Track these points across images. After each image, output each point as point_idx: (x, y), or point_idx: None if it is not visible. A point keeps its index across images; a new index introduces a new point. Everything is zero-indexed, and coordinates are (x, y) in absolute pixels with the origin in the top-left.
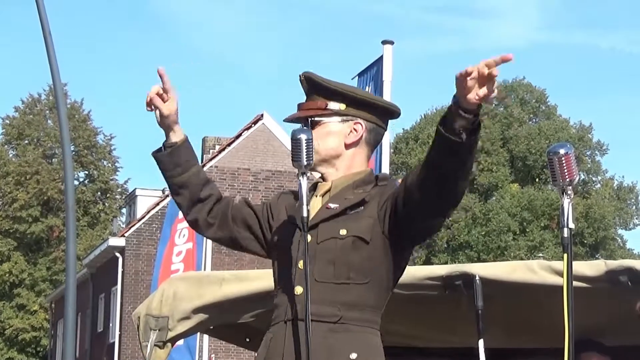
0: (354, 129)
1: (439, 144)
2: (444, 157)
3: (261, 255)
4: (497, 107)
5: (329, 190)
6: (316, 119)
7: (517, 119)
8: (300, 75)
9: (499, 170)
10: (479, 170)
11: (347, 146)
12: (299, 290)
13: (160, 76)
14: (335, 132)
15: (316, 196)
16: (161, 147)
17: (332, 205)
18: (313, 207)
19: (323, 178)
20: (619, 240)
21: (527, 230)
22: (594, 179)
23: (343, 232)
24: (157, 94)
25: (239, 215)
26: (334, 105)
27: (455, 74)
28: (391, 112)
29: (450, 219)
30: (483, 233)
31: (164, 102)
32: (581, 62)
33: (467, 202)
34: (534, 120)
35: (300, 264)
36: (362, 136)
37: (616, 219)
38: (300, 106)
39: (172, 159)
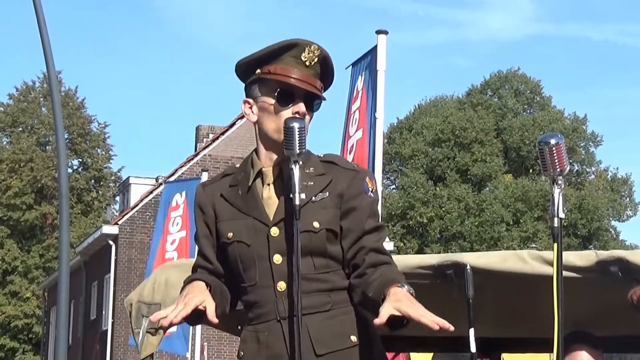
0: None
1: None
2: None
3: None
4: (491, 97)
5: (279, 176)
6: (316, 101)
7: (511, 109)
8: (312, 46)
9: (493, 160)
10: (472, 161)
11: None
12: (282, 286)
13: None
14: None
15: (268, 184)
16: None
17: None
18: (269, 197)
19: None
20: (612, 231)
21: (521, 221)
22: (587, 170)
23: (316, 224)
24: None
25: (218, 265)
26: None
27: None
28: None
29: (443, 208)
30: (476, 223)
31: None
32: (575, 54)
33: (460, 192)
34: (528, 111)
35: (276, 259)
36: None
37: (610, 210)
38: (304, 76)
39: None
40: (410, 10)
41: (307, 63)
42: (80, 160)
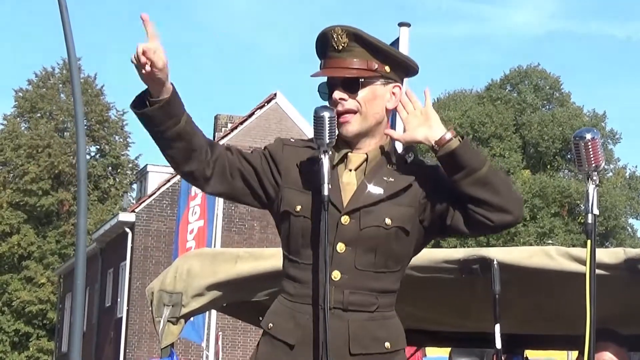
0: (393, 93)
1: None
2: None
3: (256, 207)
4: (510, 92)
5: (362, 164)
6: (364, 80)
7: (530, 105)
8: (334, 30)
9: (511, 156)
10: (491, 156)
11: (387, 112)
12: (336, 275)
13: (144, 22)
14: (380, 96)
15: (350, 170)
16: (144, 102)
17: (373, 190)
18: (348, 183)
19: (351, 146)
20: (630, 229)
21: (538, 216)
22: (605, 167)
23: (388, 221)
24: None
25: (235, 167)
26: (379, 67)
27: None
28: (413, 74)
29: None
30: None
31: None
32: (596, 51)
33: None
34: (547, 107)
35: (339, 247)
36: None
37: (627, 208)
38: (335, 62)
39: (165, 112)
40: (434, 4)
41: (340, 47)
42: (98, 147)
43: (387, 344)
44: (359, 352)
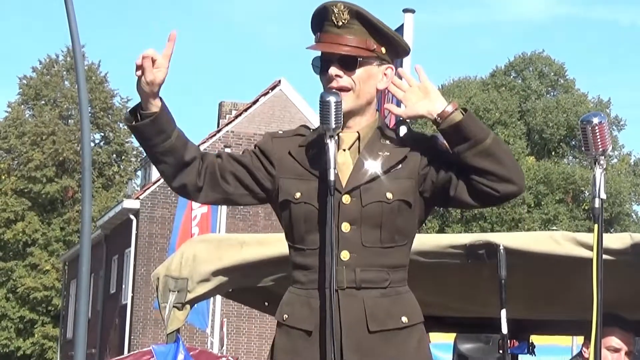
0: (385, 74)
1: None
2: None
3: (255, 204)
4: (515, 78)
5: (355, 142)
6: (362, 59)
7: (535, 91)
8: (336, 5)
9: (516, 142)
10: None
11: (378, 92)
12: (345, 255)
13: (169, 40)
14: (374, 76)
15: (344, 150)
16: (136, 116)
17: (370, 166)
18: (343, 163)
19: (342, 126)
20: (634, 216)
21: (542, 203)
22: (610, 154)
23: (389, 195)
24: (151, 59)
25: (227, 171)
26: (377, 47)
27: None
28: (403, 56)
29: None
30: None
31: (154, 69)
32: (601, 37)
33: None
34: (552, 93)
35: (344, 227)
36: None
37: (632, 194)
38: (333, 37)
39: (155, 127)
40: None
41: (339, 23)
42: (103, 134)
43: (404, 319)
44: (377, 329)
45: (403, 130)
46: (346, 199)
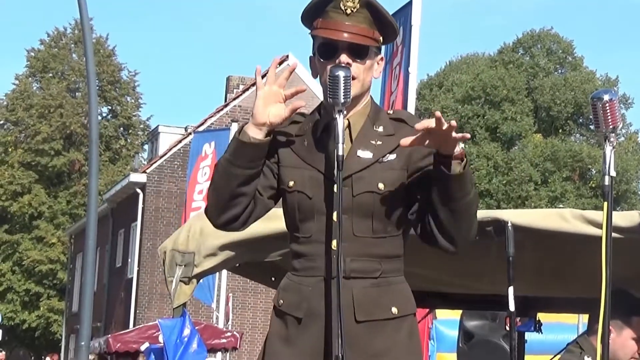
0: (378, 63)
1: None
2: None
3: None
4: (523, 55)
5: (345, 130)
6: (369, 49)
7: (542, 68)
8: None
9: (523, 119)
10: (502, 119)
11: (371, 80)
12: (336, 244)
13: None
14: (372, 64)
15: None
16: (243, 137)
17: (363, 155)
18: (334, 151)
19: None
20: None
21: (549, 180)
22: (618, 132)
23: (381, 186)
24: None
25: (264, 186)
26: (377, 37)
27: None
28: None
29: (471, 166)
30: (504, 182)
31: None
32: (610, 15)
33: (489, 150)
34: (560, 70)
35: (336, 217)
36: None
37: (639, 172)
38: (343, 25)
39: (255, 152)
40: None
41: (348, 11)
42: (110, 107)
43: (393, 310)
44: (364, 319)
45: (399, 114)
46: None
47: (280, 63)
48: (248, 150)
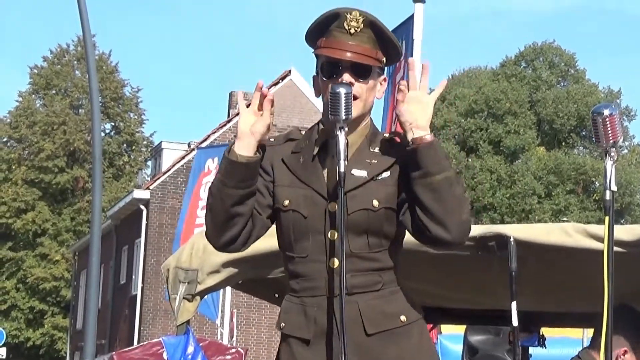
0: (381, 84)
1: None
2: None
3: None
4: (525, 69)
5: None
6: (372, 69)
7: (545, 81)
8: (353, 13)
9: (526, 132)
10: (505, 132)
11: (374, 101)
12: (335, 263)
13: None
14: (375, 86)
15: (332, 157)
16: (232, 155)
17: (357, 173)
18: (331, 169)
19: (328, 132)
20: None
21: (553, 194)
22: (620, 144)
23: (375, 203)
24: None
25: (262, 205)
26: (381, 57)
27: None
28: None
29: (475, 179)
30: (508, 195)
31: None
32: (611, 28)
33: (492, 163)
34: (562, 83)
35: (332, 235)
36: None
37: None
38: (347, 45)
39: (246, 172)
40: None
41: (352, 31)
42: (113, 124)
43: (402, 317)
44: (374, 331)
45: (395, 135)
46: (332, 206)
47: (283, 78)
48: (238, 169)
